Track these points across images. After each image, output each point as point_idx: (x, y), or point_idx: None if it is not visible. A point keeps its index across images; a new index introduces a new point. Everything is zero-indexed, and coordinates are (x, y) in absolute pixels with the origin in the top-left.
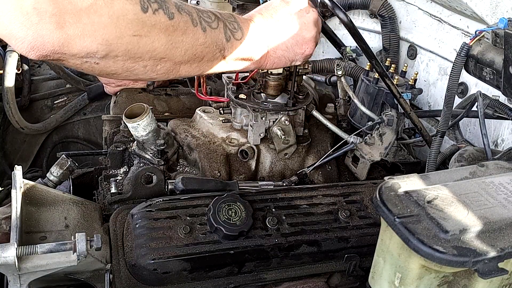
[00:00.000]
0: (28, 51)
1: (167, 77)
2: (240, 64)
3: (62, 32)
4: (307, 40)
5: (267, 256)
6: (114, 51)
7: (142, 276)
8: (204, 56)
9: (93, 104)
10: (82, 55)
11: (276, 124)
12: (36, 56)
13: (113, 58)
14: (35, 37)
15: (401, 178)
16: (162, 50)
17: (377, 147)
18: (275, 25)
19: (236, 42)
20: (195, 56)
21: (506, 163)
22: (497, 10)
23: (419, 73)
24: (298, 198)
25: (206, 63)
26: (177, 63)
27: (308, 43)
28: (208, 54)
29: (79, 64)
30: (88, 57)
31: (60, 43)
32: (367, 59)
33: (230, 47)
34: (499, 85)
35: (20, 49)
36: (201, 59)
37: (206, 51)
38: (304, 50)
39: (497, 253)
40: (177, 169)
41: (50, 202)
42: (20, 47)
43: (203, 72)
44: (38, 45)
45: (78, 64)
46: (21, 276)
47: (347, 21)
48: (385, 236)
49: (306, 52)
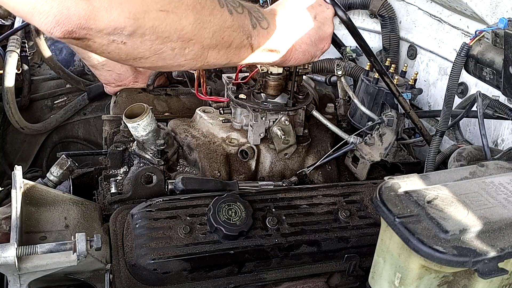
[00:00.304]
0: (53, 26)
1: (195, 65)
2: (267, 56)
3: (88, 3)
4: (328, 35)
5: (267, 256)
6: (141, 27)
7: (142, 276)
8: (232, 41)
9: (93, 104)
10: (109, 31)
11: (276, 124)
12: (62, 33)
13: (141, 36)
14: (60, 9)
15: (401, 178)
16: (190, 30)
17: (377, 147)
18: (299, 19)
19: (262, 31)
20: (223, 40)
21: (506, 163)
22: (497, 10)
23: (419, 73)
24: (298, 198)
25: (233, 50)
26: (205, 47)
27: (327, 38)
28: (236, 39)
29: (106, 44)
30: (115, 33)
31: (86, 15)
32: (366, 57)
33: (256, 35)
34: (499, 85)
35: (45, 25)
36: (229, 45)
37: (234, 36)
38: (324, 45)
39: (497, 253)
40: (177, 169)
41: (50, 202)
42: (45, 22)
43: (230, 62)
44: (64, 18)
45: (105, 45)
46: (21, 276)
47: (345, 19)
48: (385, 236)
49: (325, 48)
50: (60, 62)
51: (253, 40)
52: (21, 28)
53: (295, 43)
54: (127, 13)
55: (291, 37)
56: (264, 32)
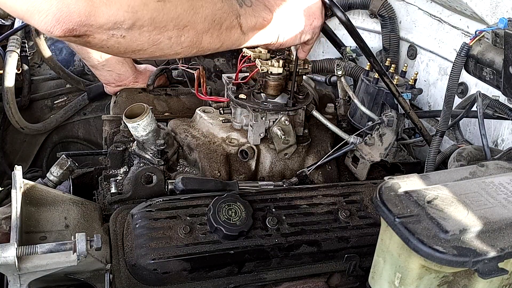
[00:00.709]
0: (54, 25)
1: (190, 51)
2: (256, 37)
3: (87, 0)
4: (314, 10)
5: (267, 256)
6: (140, 19)
7: (142, 276)
8: (223, 22)
9: (93, 104)
10: (109, 26)
11: (276, 124)
12: (62, 31)
13: (139, 28)
14: (60, 8)
15: (401, 178)
16: (185, 17)
17: (377, 147)
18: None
19: (248, 9)
20: (214, 22)
21: (506, 163)
22: (497, 10)
23: (419, 73)
24: (298, 198)
25: (225, 32)
26: (199, 33)
27: (315, 13)
28: (226, 20)
29: (106, 39)
30: (114, 28)
31: (86, 12)
32: (365, 57)
33: (244, 13)
34: (499, 85)
35: (45, 24)
36: (220, 27)
37: (224, 17)
38: (312, 21)
39: (497, 253)
40: (177, 169)
41: (50, 202)
42: (44, 21)
43: (223, 45)
44: (64, 16)
45: (105, 40)
46: (21, 276)
47: (344, 20)
48: (385, 236)
49: (314, 24)
50: (60, 62)
51: (242, 20)
52: (21, 28)
53: (280, 18)
54: (126, 6)
55: (275, 13)
56: (250, 10)
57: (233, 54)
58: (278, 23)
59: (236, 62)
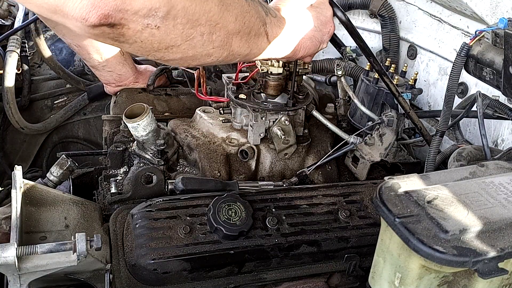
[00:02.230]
0: (89, 11)
1: (222, 53)
2: (280, 48)
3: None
4: (329, 18)
5: (267, 256)
6: (174, 7)
7: (142, 276)
8: (252, 27)
9: (93, 104)
10: (144, 12)
11: (276, 124)
12: (98, 17)
13: (173, 19)
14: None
15: (401, 178)
16: (216, 12)
17: (377, 147)
18: (298, 9)
19: (273, 19)
20: (244, 25)
21: (506, 163)
22: (497, 10)
23: (419, 73)
24: (298, 198)
25: (253, 38)
26: (230, 33)
27: (330, 21)
28: (255, 25)
29: (140, 30)
30: (149, 15)
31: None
32: (365, 57)
33: (270, 22)
34: (499, 85)
35: (80, 10)
36: (249, 31)
37: (253, 22)
38: (329, 28)
39: (497, 253)
40: (177, 169)
41: (50, 202)
42: (79, 6)
43: (251, 52)
44: (99, 1)
45: (139, 31)
46: (21, 276)
47: (344, 20)
48: (385, 236)
49: (331, 30)
50: (60, 62)
51: (268, 28)
52: (21, 28)
53: (303, 31)
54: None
55: (296, 27)
56: (275, 21)
57: None
58: (301, 36)
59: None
